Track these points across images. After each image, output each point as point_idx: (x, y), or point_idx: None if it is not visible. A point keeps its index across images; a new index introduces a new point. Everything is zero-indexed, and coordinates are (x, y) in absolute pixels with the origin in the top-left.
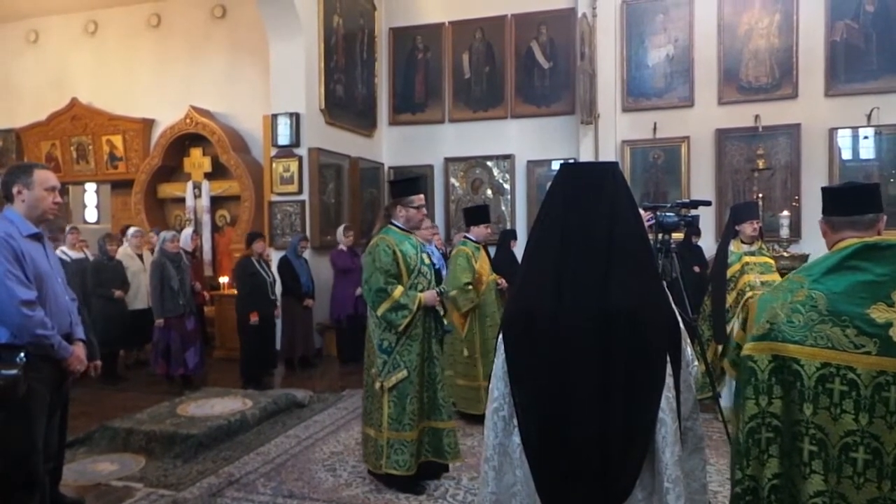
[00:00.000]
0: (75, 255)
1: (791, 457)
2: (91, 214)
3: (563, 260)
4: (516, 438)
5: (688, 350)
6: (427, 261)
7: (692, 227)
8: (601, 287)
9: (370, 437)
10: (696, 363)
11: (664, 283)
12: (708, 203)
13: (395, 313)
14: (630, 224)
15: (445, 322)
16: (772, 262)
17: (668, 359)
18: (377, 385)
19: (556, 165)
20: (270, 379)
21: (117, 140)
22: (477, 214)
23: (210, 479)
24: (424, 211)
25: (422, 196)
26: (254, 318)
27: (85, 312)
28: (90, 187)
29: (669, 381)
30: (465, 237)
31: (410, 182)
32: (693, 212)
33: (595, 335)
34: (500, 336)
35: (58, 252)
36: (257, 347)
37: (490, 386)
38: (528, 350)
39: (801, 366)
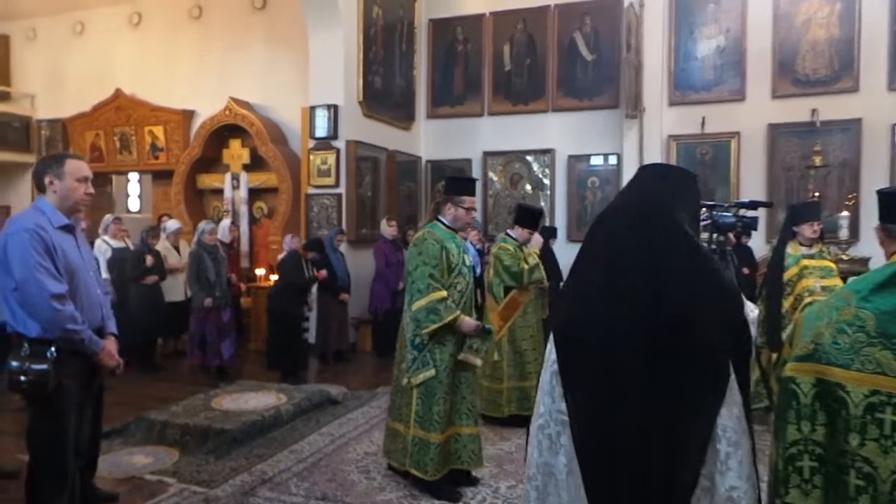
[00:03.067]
0: (116, 244)
1: (836, 489)
2: (134, 204)
3: (614, 266)
4: (563, 458)
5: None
6: (468, 262)
7: (748, 229)
8: (654, 292)
9: (398, 432)
10: None
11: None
12: (769, 205)
13: (428, 315)
14: (687, 229)
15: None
16: (833, 265)
17: (731, 369)
18: (405, 381)
19: (597, 161)
20: (304, 373)
21: (158, 131)
22: (530, 217)
23: (243, 476)
24: (474, 214)
25: (474, 199)
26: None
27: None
28: (133, 177)
29: (737, 396)
30: (507, 234)
31: (466, 182)
32: (751, 213)
33: (646, 344)
34: (549, 347)
35: (99, 241)
36: (288, 341)
37: (536, 400)
38: (579, 361)
39: (846, 392)
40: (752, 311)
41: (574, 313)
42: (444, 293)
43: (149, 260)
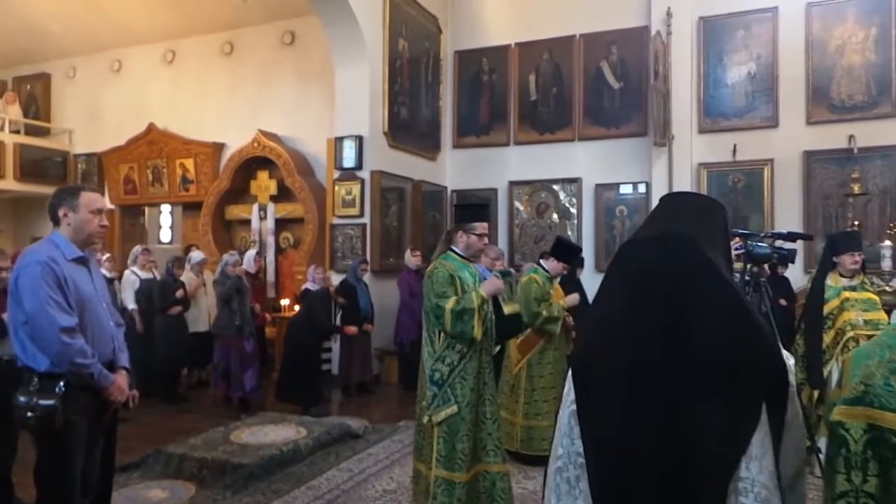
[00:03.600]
0: (144, 275)
1: None
2: (165, 235)
3: (639, 299)
4: None
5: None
6: None
7: (785, 261)
8: (679, 327)
9: (421, 473)
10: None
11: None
12: (809, 237)
13: (460, 321)
14: (716, 263)
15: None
16: (876, 298)
17: (762, 414)
18: (425, 419)
19: (625, 189)
20: (327, 405)
21: (189, 163)
22: (567, 252)
23: None
24: (486, 240)
25: (485, 224)
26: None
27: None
28: (165, 209)
29: (769, 448)
30: (539, 265)
31: (475, 208)
32: (788, 244)
33: (669, 380)
34: (567, 387)
35: (128, 272)
36: (303, 372)
37: (553, 442)
38: (597, 397)
39: None
40: (787, 358)
41: (594, 348)
42: (454, 298)
43: (180, 292)
